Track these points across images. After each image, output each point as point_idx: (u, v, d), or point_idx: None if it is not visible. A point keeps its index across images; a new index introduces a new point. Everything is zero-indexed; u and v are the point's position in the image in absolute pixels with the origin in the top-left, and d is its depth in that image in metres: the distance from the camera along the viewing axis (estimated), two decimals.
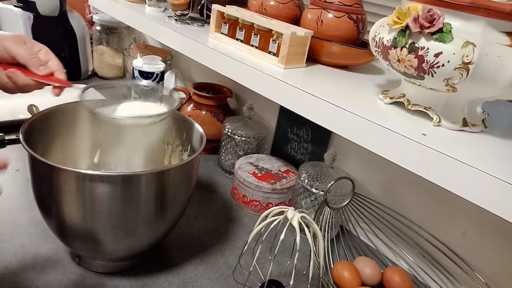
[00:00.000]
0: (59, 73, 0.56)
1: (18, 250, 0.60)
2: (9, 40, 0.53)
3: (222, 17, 0.72)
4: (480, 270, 0.62)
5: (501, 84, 0.42)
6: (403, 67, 0.46)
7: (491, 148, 0.45)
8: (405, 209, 0.71)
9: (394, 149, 0.44)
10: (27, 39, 0.56)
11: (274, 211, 0.53)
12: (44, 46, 0.57)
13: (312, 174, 0.74)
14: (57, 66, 0.56)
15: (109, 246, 0.55)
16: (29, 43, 0.55)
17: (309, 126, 0.87)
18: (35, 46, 0.56)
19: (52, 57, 0.57)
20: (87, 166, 0.70)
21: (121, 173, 0.66)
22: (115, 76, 1.33)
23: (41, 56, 0.56)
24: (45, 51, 0.56)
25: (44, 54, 0.56)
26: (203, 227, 0.73)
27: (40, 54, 0.56)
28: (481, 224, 0.62)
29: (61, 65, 0.57)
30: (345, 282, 0.61)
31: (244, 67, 0.62)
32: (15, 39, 0.53)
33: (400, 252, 0.71)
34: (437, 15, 0.42)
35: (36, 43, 0.57)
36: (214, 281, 0.61)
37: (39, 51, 0.56)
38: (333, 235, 0.74)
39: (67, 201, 0.50)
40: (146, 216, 0.54)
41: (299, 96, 0.54)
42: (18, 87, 0.54)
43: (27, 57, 0.53)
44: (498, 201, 0.37)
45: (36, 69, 0.53)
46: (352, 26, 0.65)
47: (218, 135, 0.95)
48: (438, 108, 0.48)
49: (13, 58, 0.53)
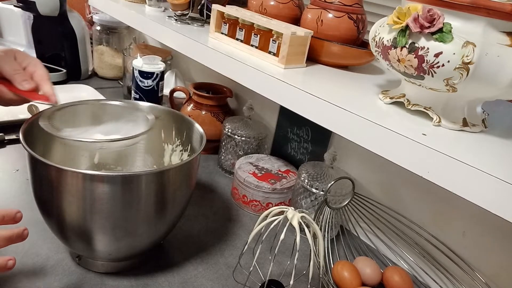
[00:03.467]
0: (44, 84, 0.55)
1: (18, 250, 0.60)
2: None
3: (222, 17, 0.72)
4: (480, 270, 0.62)
5: (501, 84, 0.42)
6: (403, 67, 0.46)
7: (491, 148, 0.45)
8: (405, 209, 0.71)
9: (394, 149, 0.44)
10: (18, 53, 0.56)
11: (274, 211, 0.53)
12: (34, 58, 0.57)
13: (312, 174, 0.74)
14: (42, 77, 0.55)
15: (109, 246, 0.55)
16: (19, 57, 0.56)
17: (309, 126, 0.87)
18: (25, 60, 0.56)
19: (38, 68, 0.56)
20: (87, 166, 0.70)
21: (121, 173, 0.67)
22: (115, 76, 1.33)
23: (28, 68, 0.56)
24: (34, 63, 0.56)
25: (32, 66, 0.56)
26: (203, 227, 0.73)
27: (28, 67, 0.56)
28: (481, 224, 0.61)
29: (48, 76, 0.56)
30: (345, 282, 0.61)
31: (244, 67, 0.62)
32: (4, 54, 0.54)
33: (400, 252, 0.71)
34: (437, 15, 0.42)
35: (27, 56, 0.57)
36: (214, 281, 0.61)
37: (28, 64, 0.56)
38: (333, 235, 0.74)
39: (67, 201, 0.50)
40: (146, 216, 0.54)
41: (299, 96, 0.54)
42: (5, 101, 0.54)
43: (11, 73, 0.53)
44: (498, 201, 0.37)
45: (19, 84, 0.53)
46: (352, 26, 0.65)
47: (218, 135, 0.95)
48: (438, 108, 0.48)
49: (0, 73, 0.54)
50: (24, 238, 0.45)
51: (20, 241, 0.45)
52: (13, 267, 0.44)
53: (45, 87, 0.55)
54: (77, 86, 1.15)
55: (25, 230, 0.45)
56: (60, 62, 1.22)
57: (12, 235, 0.44)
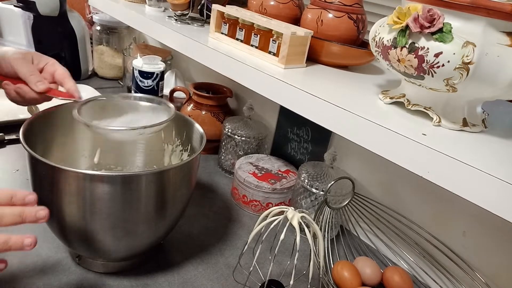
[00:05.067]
0: (67, 81, 0.58)
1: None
2: (16, 58, 0.56)
3: (222, 17, 0.72)
4: (480, 270, 0.62)
5: (501, 84, 0.42)
6: (403, 67, 0.46)
7: (491, 148, 0.45)
8: (405, 209, 0.71)
9: (394, 149, 0.44)
10: (35, 56, 0.58)
11: (274, 211, 0.53)
12: (51, 59, 0.60)
13: (312, 174, 0.74)
14: (63, 75, 0.58)
15: (109, 246, 0.55)
16: (36, 59, 0.58)
17: (309, 126, 0.87)
18: (42, 61, 0.59)
19: (57, 67, 0.59)
20: (87, 166, 0.70)
21: (121, 173, 0.67)
22: (115, 76, 1.33)
23: (47, 68, 0.58)
24: (51, 62, 0.59)
25: (50, 66, 0.59)
26: (203, 227, 0.73)
27: (46, 67, 0.58)
28: (481, 224, 0.62)
29: (68, 73, 0.59)
30: (345, 282, 0.61)
31: (244, 67, 0.62)
32: (22, 57, 0.56)
33: (400, 252, 0.71)
34: (437, 15, 0.42)
35: (43, 57, 0.59)
36: (214, 281, 0.61)
37: (45, 65, 0.59)
38: (333, 235, 0.74)
39: (67, 201, 0.50)
40: (146, 216, 0.54)
41: (299, 96, 0.54)
42: (26, 100, 0.57)
43: (26, 74, 0.55)
44: (498, 201, 0.37)
45: (34, 85, 0.55)
46: (352, 26, 0.65)
47: (218, 135, 0.95)
48: (438, 108, 0.48)
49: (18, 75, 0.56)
50: (28, 245, 0.43)
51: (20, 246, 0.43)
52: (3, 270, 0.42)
53: (68, 84, 0.58)
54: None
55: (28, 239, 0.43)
56: (60, 62, 1.20)
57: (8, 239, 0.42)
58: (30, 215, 0.43)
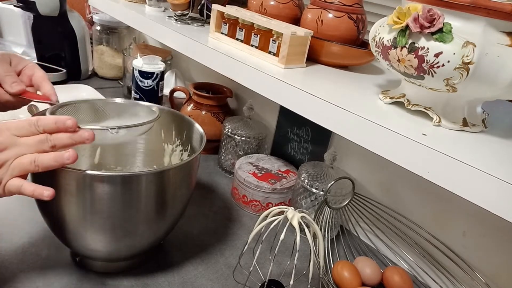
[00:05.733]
0: (44, 84, 0.56)
1: (18, 250, 0.60)
2: None
3: (222, 17, 0.72)
4: (480, 270, 0.62)
5: (501, 84, 0.42)
6: (403, 67, 0.46)
7: (491, 148, 0.45)
8: (405, 209, 0.71)
9: (394, 149, 0.44)
10: (14, 58, 0.57)
11: (274, 211, 0.53)
12: (30, 61, 0.58)
13: (312, 174, 0.74)
14: (41, 78, 0.57)
15: (109, 246, 0.55)
16: (15, 61, 0.57)
17: (309, 126, 0.87)
18: (21, 63, 0.57)
19: (36, 70, 0.58)
20: (87, 166, 0.70)
21: (121, 173, 0.67)
22: (115, 76, 1.33)
23: (26, 71, 0.57)
24: (30, 65, 0.58)
25: (29, 69, 0.57)
26: (203, 227, 0.73)
27: (24, 70, 0.57)
28: (481, 224, 0.62)
29: (46, 76, 0.58)
30: (345, 282, 0.61)
31: (244, 67, 0.62)
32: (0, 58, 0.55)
33: (400, 252, 0.71)
34: (437, 15, 0.42)
35: (22, 60, 0.58)
36: (214, 281, 0.61)
37: (24, 67, 0.57)
38: (333, 235, 0.74)
39: (67, 201, 0.50)
40: (146, 216, 0.54)
41: (299, 96, 0.54)
42: (2, 103, 0.56)
43: (2, 75, 0.54)
44: (498, 201, 0.37)
45: (9, 86, 0.54)
46: (352, 26, 0.65)
47: (218, 135, 0.95)
48: (438, 108, 0.48)
49: None
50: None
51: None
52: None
53: (45, 87, 0.56)
54: (77, 86, 1.15)
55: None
56: (60, 62, 1.22)
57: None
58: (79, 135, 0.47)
